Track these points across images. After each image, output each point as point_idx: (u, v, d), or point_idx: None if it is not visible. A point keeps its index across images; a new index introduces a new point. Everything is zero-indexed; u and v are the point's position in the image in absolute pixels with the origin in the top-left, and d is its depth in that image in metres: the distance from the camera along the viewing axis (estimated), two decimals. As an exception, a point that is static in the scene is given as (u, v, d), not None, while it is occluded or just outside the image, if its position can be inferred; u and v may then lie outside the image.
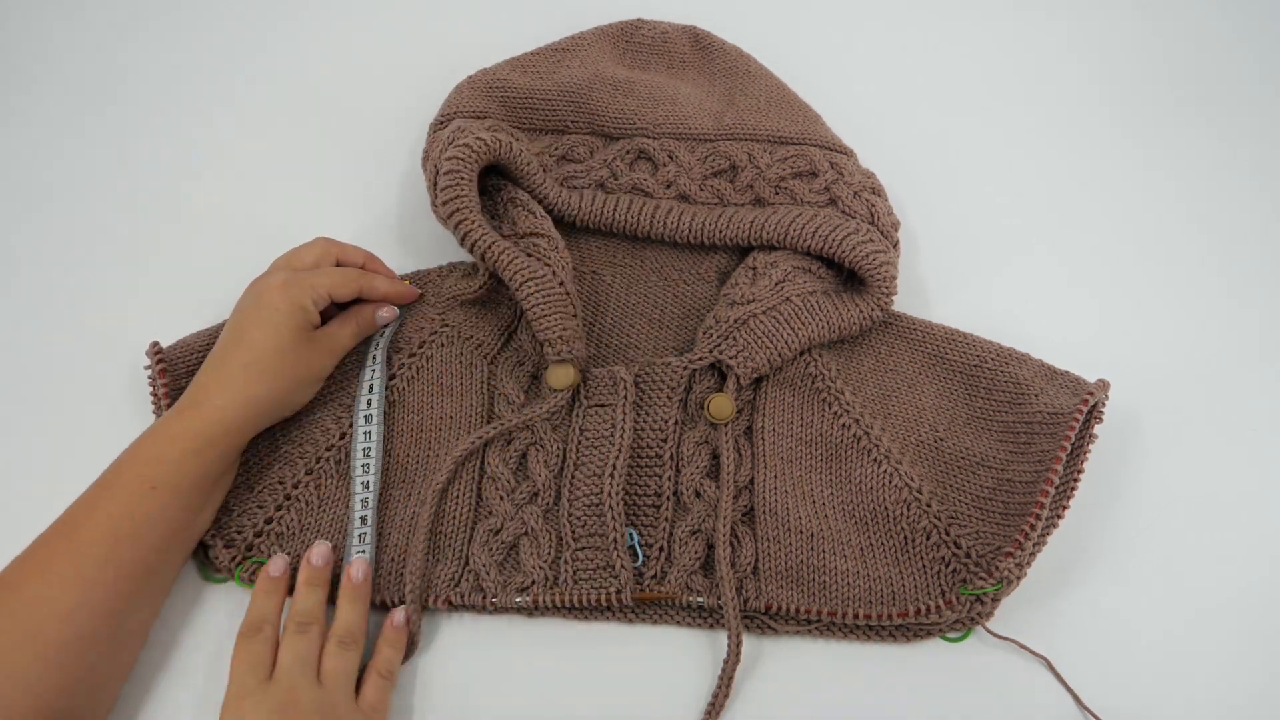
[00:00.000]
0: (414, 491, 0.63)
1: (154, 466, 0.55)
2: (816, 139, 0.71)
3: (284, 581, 0.58)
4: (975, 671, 0.59)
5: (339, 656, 0.55)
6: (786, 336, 0.64)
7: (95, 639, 0.52)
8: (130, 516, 0.54)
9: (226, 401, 0.58)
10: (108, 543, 0.53)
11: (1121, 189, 0.78)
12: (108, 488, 0.55)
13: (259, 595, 0.57)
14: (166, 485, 0.55)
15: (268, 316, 0.60)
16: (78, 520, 0.54)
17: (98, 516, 0.53)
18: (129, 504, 0.54)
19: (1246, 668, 0.59)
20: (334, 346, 0.63)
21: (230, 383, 0.58)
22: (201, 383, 0.59)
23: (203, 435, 0.57)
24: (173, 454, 0.56)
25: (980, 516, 0.59)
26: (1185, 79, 0.83)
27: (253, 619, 0.56)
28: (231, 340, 0.60)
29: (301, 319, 0.61)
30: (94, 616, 0.52)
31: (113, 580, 0.53)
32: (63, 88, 0.82)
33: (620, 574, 0.59)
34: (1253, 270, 0.74)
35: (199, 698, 0.58)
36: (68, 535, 0.53)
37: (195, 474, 0.56)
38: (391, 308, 0.67)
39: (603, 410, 0.63)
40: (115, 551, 0.53)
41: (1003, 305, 0.72)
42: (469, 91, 0.73)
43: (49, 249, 0.74)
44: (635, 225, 0.69)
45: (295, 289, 0.61)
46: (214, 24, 0.86)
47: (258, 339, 0.59)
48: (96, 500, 0.54)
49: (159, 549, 0.55)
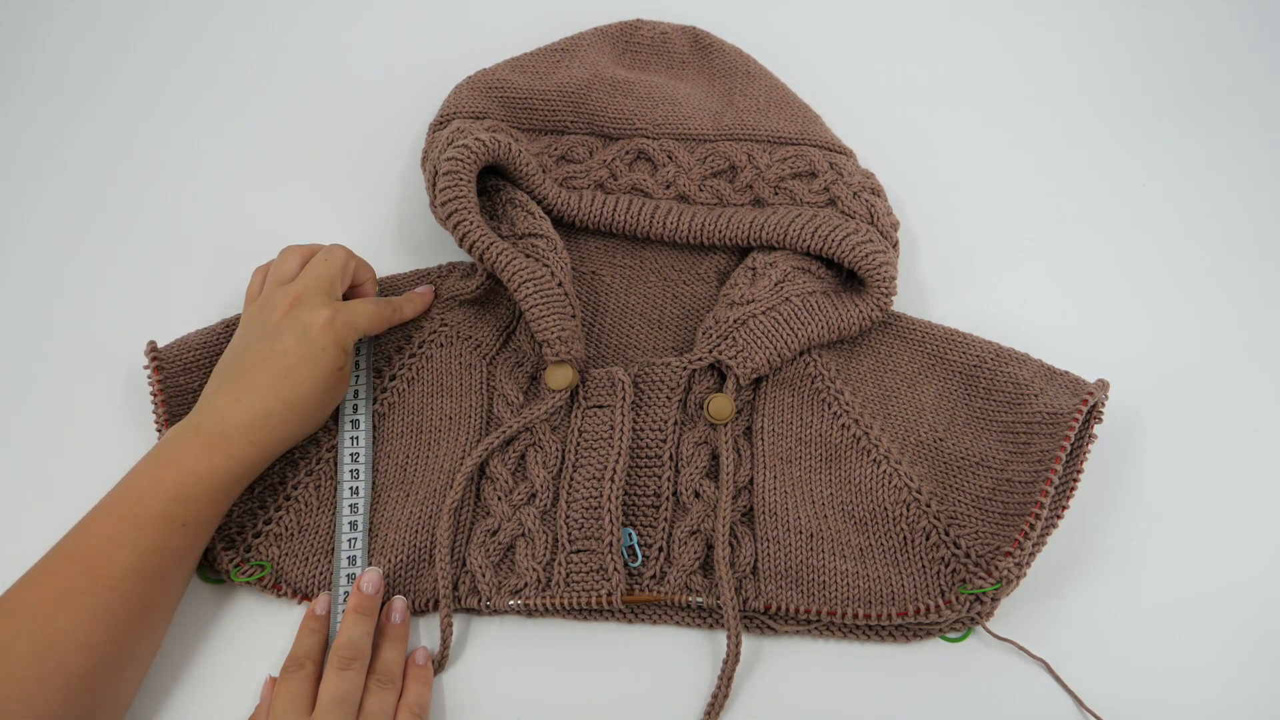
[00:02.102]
0: (413, 492, 0.63)
1: (183, 506, 0.54)
2: (816, 139, 0.71)
3: (328, 620, 0.58)
4: (975, 672, 0.59)
5: (379, 695, 0.55)
6: (786, 337, 0.64)
7: (117, 666, 0.52)
8: (158, 554, 0.53)
9: (261, 439, 0.56)
10: (134, 578, 0.52)
11: (1121, 188, 0.78)
12: (134, 525, 0.53)
13: (303, 634, 0.57)
14: (196, 523, 0.55)
15: (316, 356, 0.58)
16: (101, 554, 0.52)
17: (125, 553, 0.52)
18: (158, 542, 0.53)
19: (1247, 668, 0.59)
20: (349, 376, 0.63)
21: (269, 420, 0.57)
22: (229, 408, 0.56)
23: (232, 472, 0.56)
24: (203, 493, 0.55)
25: (980, 516, 0.59)
26: (1188, 77, 0.83)
27: (296, 655, 0.56)
28: (276, 372, 0.57)
29: (344, 361, 0.60)
30: (119, 646, 0.52)
31: (138, 613, 0.53)
32: (62, 89, 0.82)
33: (613, 577, 0.59)
34: (1253, 270, 0.74)
35: (200, 697, 0.58)
36: (90, 569, 0.51)
37: (224, 508, 0.57)
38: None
39: (601, 411, 0.63)
40: (142, 586, 0.52)
41: (1003, 305, 0.72)
42: (468, 92, 0.73)
43: (48, 249, 0.74)
44: (635, 225, 0.69)
45: (342, 330, 0.59)
46: (214, 25, 0.86)
47: (303, 379, 0.57)
48: (121, 535, 0.52)
49: (184, 580, 0.56)
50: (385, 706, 0.55)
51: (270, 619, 0.60)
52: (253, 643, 0.60)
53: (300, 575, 0.60)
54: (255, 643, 0.60)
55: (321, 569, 0.61)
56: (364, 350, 0.66)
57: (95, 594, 0.51)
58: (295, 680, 0.54)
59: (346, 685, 0.54)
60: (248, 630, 0.60)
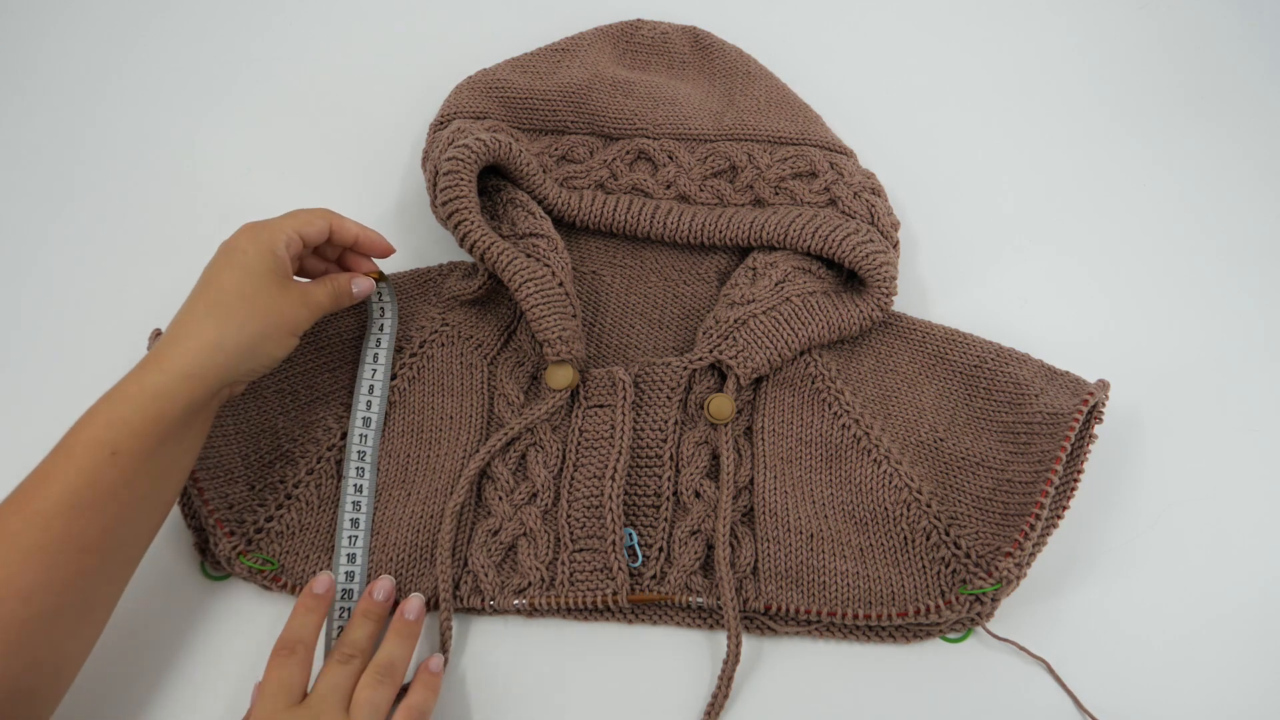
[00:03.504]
0: (413, 491, 0.63)
1: (112, 429, 0.50)
2: (816, 139, 0.71)
3: (328, 599, 0.57)
4: (975, 672, 0.59)
5: (374, 688, 0.54)
6: (786, 337, 0.64)
7: (58, 617, 0.49)
8: (90, 486, 0.49)
9: (188, 348, 0.53)
10: (67, 515, 0.48)
11: (1122, 188, 0.78)
12: (64, 455, 0.50)
13: (299, 611, 0.56)
14: (127, 450, 0.50)
15: (234, 259, 0.56)
16: (32, 492, 0.49)
17: (54, 488, 0.49)
18: (88, 472, 0.49)
19: (1247, 668, 0.59)
20: (309, 301, 0.59)
21: (194, 327, 0.54)
22: (164, 338, 0.54)
23: (164, 391, 0.51)
24: (132, 414, 0.51)
25: (980, 517, 0.59)
26: (1187, 78, 0.83)
27: (289, 637, 0.54)
28: (197, 289, 0.56)
29: (271, 262, 0.57)
30: (57, 594, 0.48)
31: (75, 555, 0.49)
32: (63, 85, 0.82)
33: (617, 576, 0.59)
34: (1253, 270, 0.74)
35: (198, 697, 0.58)
36: (20, 508, 0.49)
37: (159, 434, 0.51)
38: (367, 280, 0.63)
39: (602, 411, 0.63)
40: (75, 524, 0.49)
41: (1003, 305, 0.72)
42: (469, 92, 0.73)
43: (48, 248, 0.74)
44: (635, 225, 0.69)
45: (263, 232, 0.57)
46: (215, 23, 0.86)
47: (224, 281, 0.55)
48: (51, 470, 0.50)
49: (123, 519, 0.51)
50: (379, 702, 0.53)
51: (269, 618, 0.61)
52: (247, 640, 0.60)
53: (302, 572, 0.60)
54: (250, 640, 0.60)
55: (323, 566, 0.61)
56: (380, 344, 0.66)
57: (27, 534, 0.48)
58: (288, 665, 0.53)
59: (344, 677, 0.53)
60: (245, 630, 0.60)
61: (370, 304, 0.67)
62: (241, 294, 0.55)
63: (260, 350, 0.56)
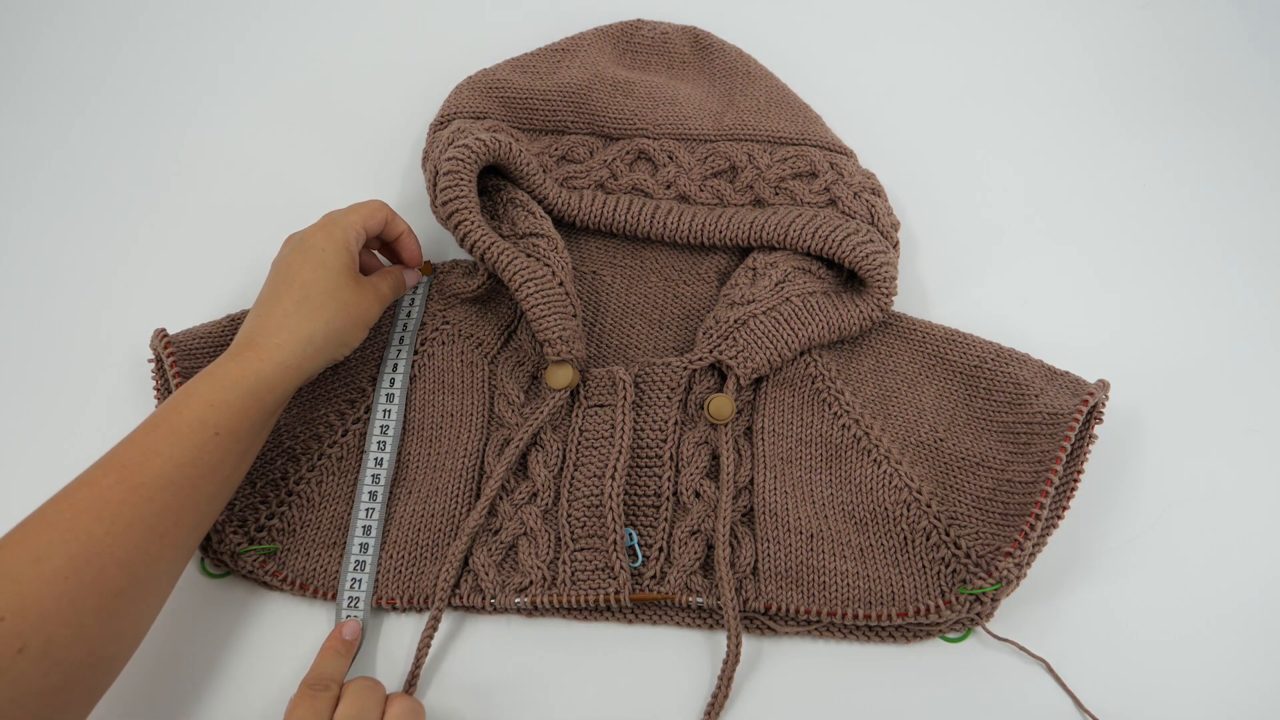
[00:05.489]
0: (414, 489, 0.63)
1: (215, 411, 0.53)
2: (816, 139, 0.71)
3: (355, 645, 0.58)
4: (975, 672, 0.59)
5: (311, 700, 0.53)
6: (786, 337, 0.64)
7: (144, 588, 0.50)
8: (194, 464, 0.52)
9: (284, 340, 0.57)
10: (170, 491, 0.51)
11: (1122, 188, 0.78)
12: (169, 432, 0.52)
13: (329, 653, 0.56)
14: (229, 431, 0.53)
15: (315, 256, 0.60)
16: (137, 464, 0.51)
17: (161, 462, 0.51)
18: (193, 450, 0.52)
19: (1247, 669, 0.59)
20: (378, 294, 0.63)
21: (286, 321, 0.58)
22: (253, 326, 0.58)
23: (264, 377, 0.55)
24: (234, 397, 0.54)
25: (980, 517, 0.59)
26: (1188, 77, 0.83)
27: (320, 675, 0.55)
28: (280, 282, 0.59)
29: (346, 259, 0.61)
30: (148, 565, 0.50)
31: (171, 529, 0.51)
32: (64, 83, 0.82)
33: (619, 575, 0.59)
34: (1254, 270, 0.74)
35: (198, 695, 0.58)
36: (127, 478, 0.50)
37: (256, 418, 0.55)
38: (415, 272, 0.69)
39: (602, 411, 0.63)
40: (176, 499, 0.51)
41: (1003, 305, 0.72)
42: (469, 92, 0.73)
43: (47, 247, 0.74)
44: (635, 226, 0.69)
45: (336, 229, 0.61)
46: (215, 23, 0.86)
47: (308, 278, 0.59)
48: (157, 445, 0.51)
49: (211, 498, 0.54)
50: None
51: (268, 616, 0.61)
52: (246, 638, 0.60)
53: (303, 568, 0.61)
54: (249, 639, 0.60)
55: (324, 562, 0.61)
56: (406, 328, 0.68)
57: (133, 505, 0.49)
58: (320, 700, 0.53)
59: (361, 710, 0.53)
60: (244, 628, 0.60)
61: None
62: (326, 290, 0.59)
63: (342, 342, 0.61)
